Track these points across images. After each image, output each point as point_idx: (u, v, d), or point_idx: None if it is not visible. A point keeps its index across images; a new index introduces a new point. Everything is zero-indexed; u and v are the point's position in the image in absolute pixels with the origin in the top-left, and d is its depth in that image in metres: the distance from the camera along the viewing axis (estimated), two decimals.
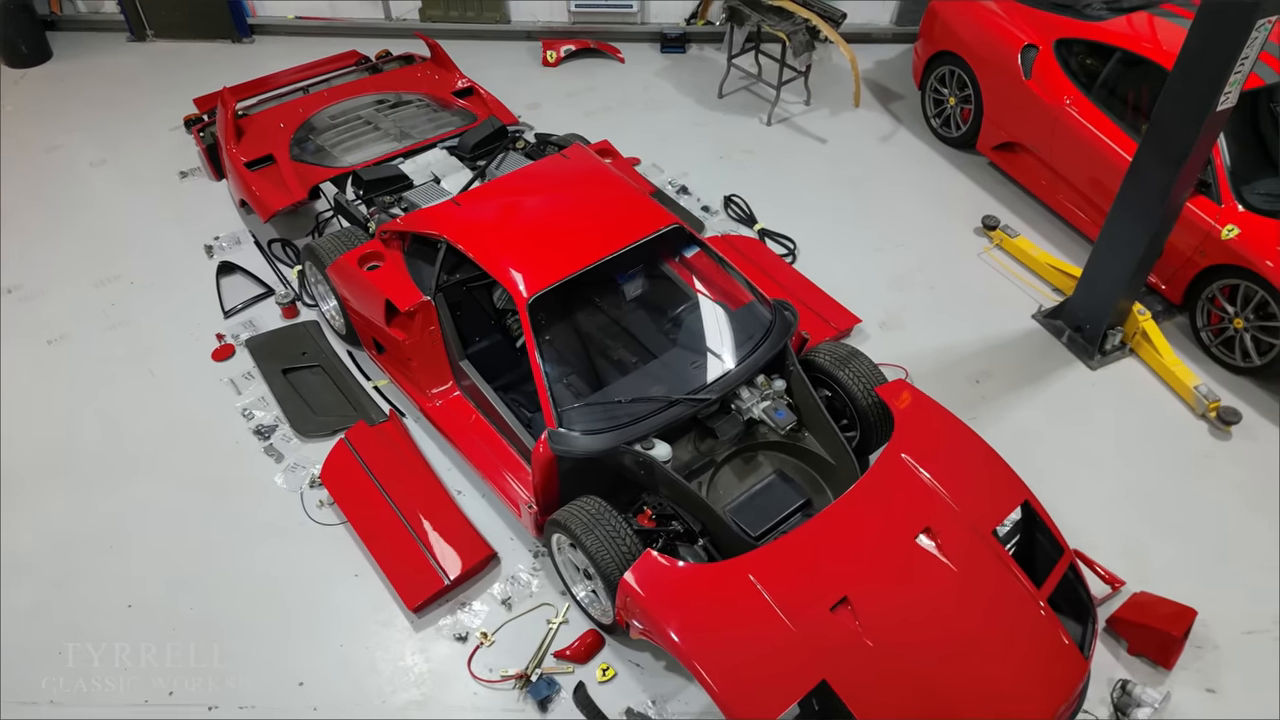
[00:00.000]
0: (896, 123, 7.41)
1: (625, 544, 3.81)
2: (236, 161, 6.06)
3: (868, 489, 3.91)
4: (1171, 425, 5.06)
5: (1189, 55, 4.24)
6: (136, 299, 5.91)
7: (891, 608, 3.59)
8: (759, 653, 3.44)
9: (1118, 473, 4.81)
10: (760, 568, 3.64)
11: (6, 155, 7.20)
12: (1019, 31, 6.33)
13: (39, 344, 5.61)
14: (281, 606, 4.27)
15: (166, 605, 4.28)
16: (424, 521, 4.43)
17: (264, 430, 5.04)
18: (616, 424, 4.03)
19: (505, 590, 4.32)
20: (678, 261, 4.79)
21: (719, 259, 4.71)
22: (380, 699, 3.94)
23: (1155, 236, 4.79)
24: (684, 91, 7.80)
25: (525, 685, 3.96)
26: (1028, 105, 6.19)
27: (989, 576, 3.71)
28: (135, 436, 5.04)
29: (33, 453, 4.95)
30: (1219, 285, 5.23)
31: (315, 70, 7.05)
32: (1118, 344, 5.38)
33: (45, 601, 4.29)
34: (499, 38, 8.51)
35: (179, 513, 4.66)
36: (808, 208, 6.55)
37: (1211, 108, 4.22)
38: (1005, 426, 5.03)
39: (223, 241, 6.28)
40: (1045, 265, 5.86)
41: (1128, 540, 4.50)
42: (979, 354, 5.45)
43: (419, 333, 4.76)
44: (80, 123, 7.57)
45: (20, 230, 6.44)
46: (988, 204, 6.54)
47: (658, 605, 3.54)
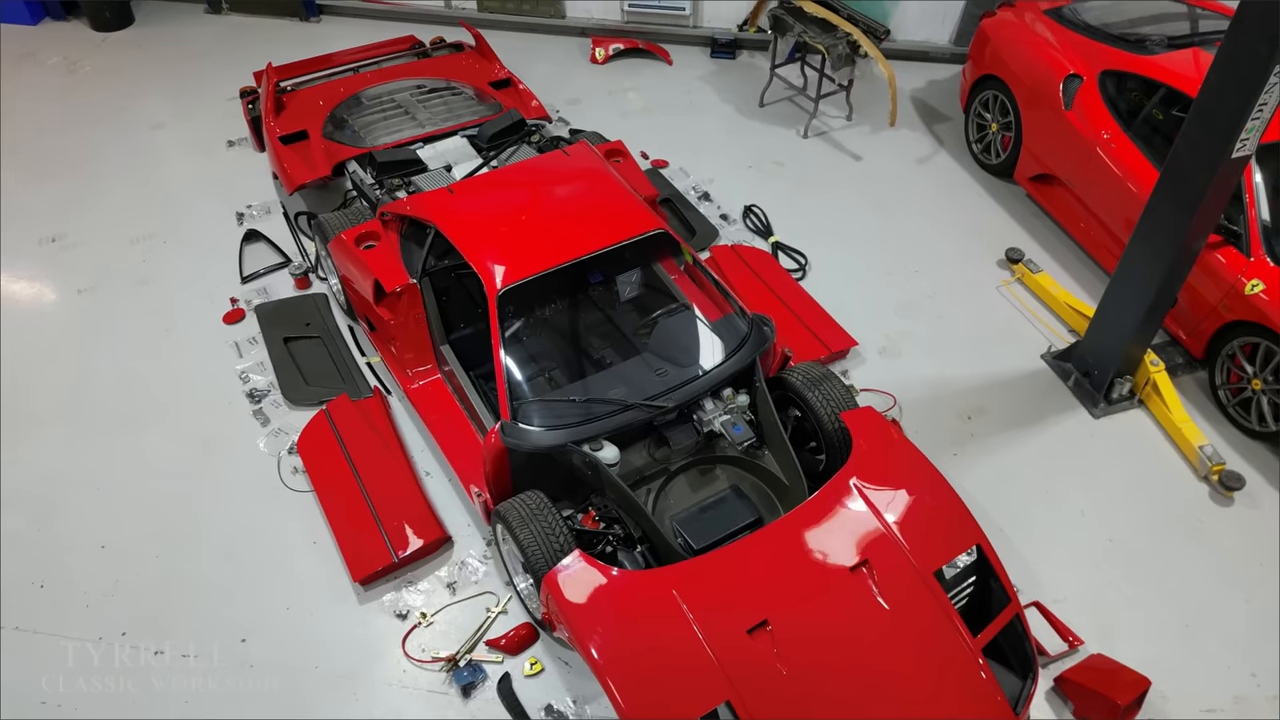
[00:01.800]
0: (937, 145, 7.21)
1: (559, 542, 3.83)
2: (272, 134, 6.30)
3: (810, 514, 3.84)
4: (1169, 484, 4.80)
5: (1207, 98, 4.01)
6: (165, 257, 6.20)
7: (813, 637, 3.52)
8: (668, 667, 3.41)
9: (1100, 528, 4.59)
10: (685, 581, 3.62)
11: (77, 112, 7.64)
12: (1065, 60, 6.08)
13: (70, 292, 5.95)
14: (240, 564, 4.44)
15: (136, 549, 4.49)
16: (385, 498, 4.54)
17: (257, 394, 5.23)
18: (567, 422, 4.05)
19: (452, 574, 4.39)
20: (659, 267, 4.77)
21: (702, 269, 4.68)
22: (313, 665, 4.06)
23: (1166, 283, 4.56)
24: (725, 98, 7.75)
25: (453, 669, 4.02)
26: (1065, 136, 5.95)
27: (922, 618, 3.60)
28: (140, 388, 5.30)
29: (45, 394, 5.26)
30: (1240, 342, 4.94)
31: (368, 52, 7.26)
32: (1125, 394, 5.13)
33: (26, 533, 4.56)
34: (552, 32, 8.61)
35: (166, 464, 4.89)
36: (828, 224, 6.43)
37: (1227, 155, 3.99)
38: (988, 467, 4.86)
39: (254, 210, 6.54)
40: (1064, 305, 5.63)
41: (1097, 598, 4.30)
42: (976, 389, 5.27)
43: (404, 314, 4.87)
44: (149, 87, 7.99)
45: (74, 184, 6.83)
46: (1017, 236, 6.31)
47: (576, 609, 3.54)
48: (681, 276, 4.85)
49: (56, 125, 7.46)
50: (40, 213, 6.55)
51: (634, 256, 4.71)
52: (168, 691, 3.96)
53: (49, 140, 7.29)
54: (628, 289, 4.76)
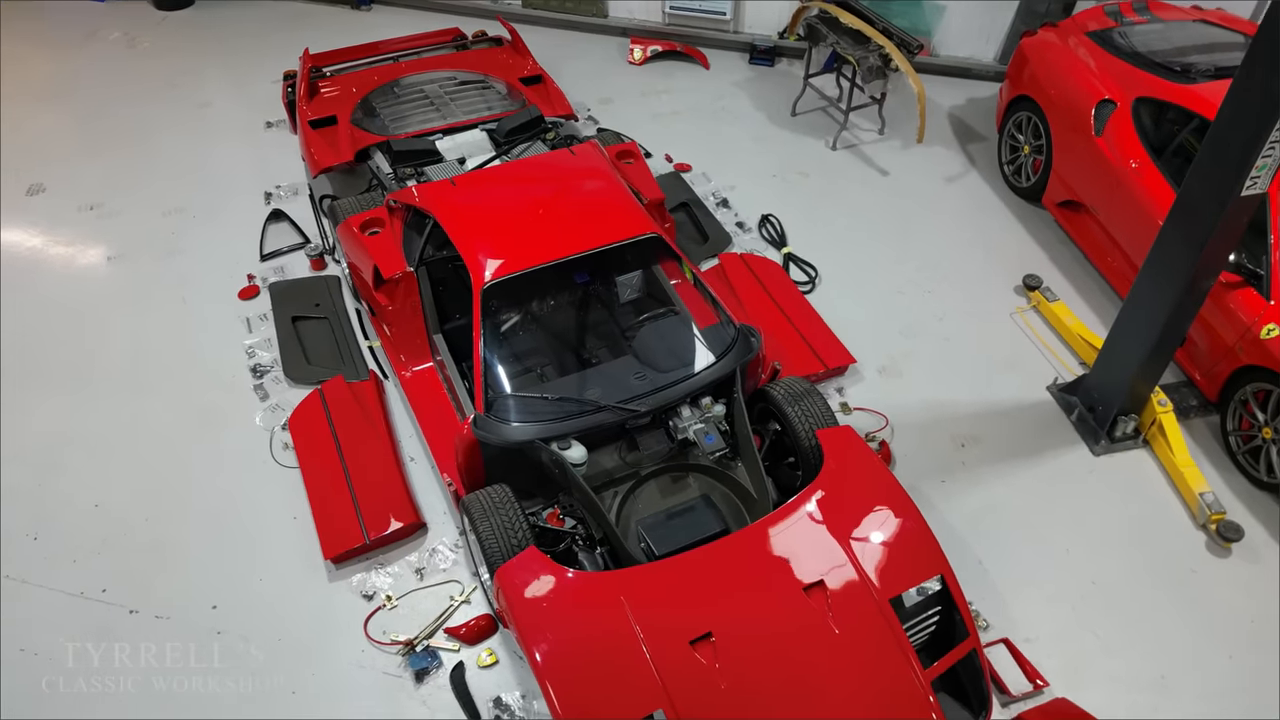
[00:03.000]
0: (969, 165, 7.05)
1: (517, 537, 3.86)
2: (303, 117, 6.46)
3: (769, 529, 3.80)
4: (1164, 530, 4.62)
5: (1219, 132, 3.85)
6: (193, 231, 6.41)
7: (756, 654, 3.49)
8: (606, 672, 3.42)
9: (1084, 568, 4.44)
10: (636, 587, 3.62)
11: (131, 87, 7.95)
12: (1101, 84, 5.89)
13: (100, 259, 6.20)
14: (221, 532, 4.57)
15: (127, 510, 4.67)
16: (365, 480, 4.62)
17: (260, 369, 5.38)
18: (538, 419, 4.08)
19: (422, 560, 4.46)
20: (650, 271, 4.76)
21: (693, 276, 4.66)
22: (276, 637, 4.16)
23: (1172, 321, 4.38)
24: (758, 105, 7.69)
25: (409, 653, 4.08)
26: (1093, 163, 5.76)
27: (872, 644, 3.54)
28: (151, 355, 5.50)
29: (63, 354, 5.50)
30: (1253, 388, 4.72)
31: (410, 43, 7.39)
32: (1130, 432, 4.95)
33: (27, 486, 4.76)
34: (594, 31, 8.65)
35: (165, 430, 5.06)
36: (846, 238, 6.34)
37: (1236, 192, 3.82)
38: (975, 496, 4.74)
39: (282, 190, 6.73)
40: (1077, 336, 5.46)
41: (1070, 641, 4.16)
42: (974, 416, 5.15)
43: (400, 301, 4.96)
44: (201, 66, 8.26)
45: (119, 155, 7.12)
46: (1039, 263, 6.13)
47: (523, 606, 3.57)
48: (683, 282, 4.84)
49: (110, 99, 7.78)
50: (84, 181, 6.84)
51: (626, 258, 4.71)
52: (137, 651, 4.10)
53: (102, 113, 7.60)
54: (617, 290, 4.76)
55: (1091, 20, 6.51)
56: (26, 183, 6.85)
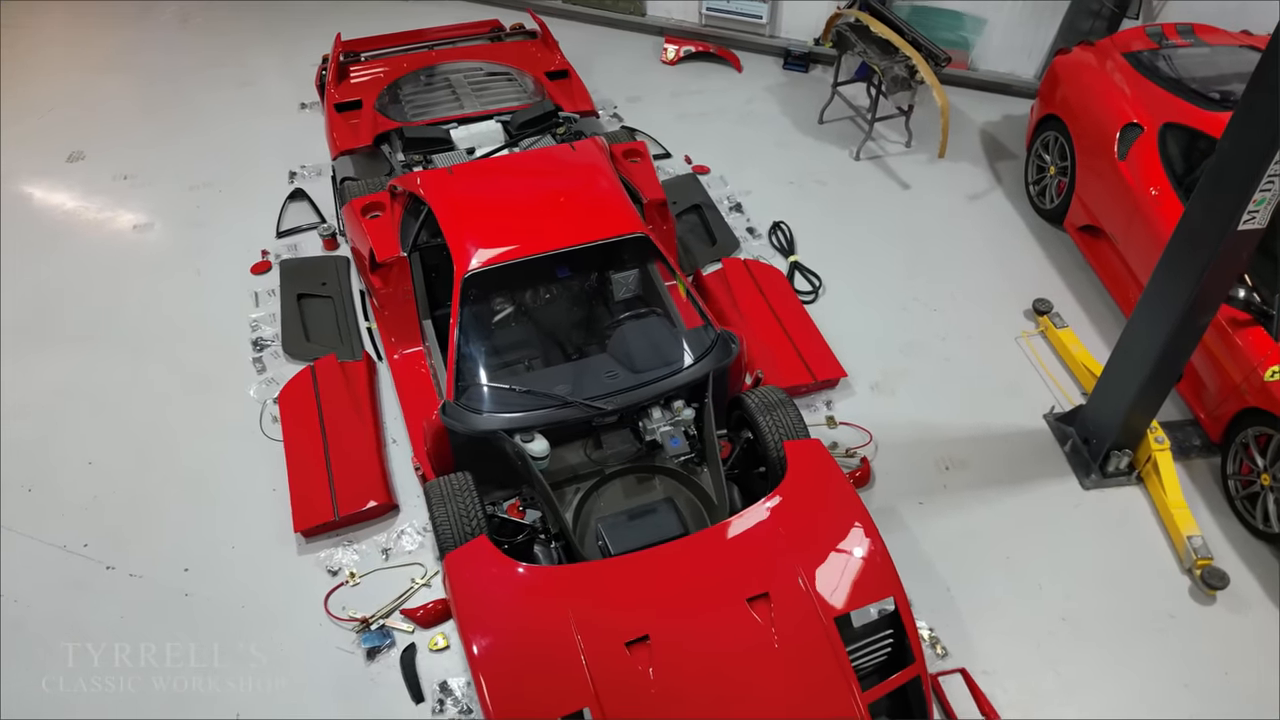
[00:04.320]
0: (994, 183, 6.88)
1: (471, 525, 3.90)
2: (330, 100, 6.60)
3: (721, 537, 3.77)
4: (1146, 571, 4.45)
5: (1220, 162, 3.70)
6: (217, 205, 6.61)
7: (690, 660, 3.46)
8: (539, 667, 3.41)
9: (1056, 604, 4.30)
10: (580, 584, 3.63)
11: (177, 63, 8.23)
12: (1129, 107, 5.69)
13: (126, 228, 6.43)
14: (202, 498, 4.71)
15: (117, 469, 4.84)
16: (343, 458, 4.71)
17: (261, 343, 5.52)
18: (504, 410, 4.11)
19: (390, 541, 4.53)
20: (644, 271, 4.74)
21: (678, 278, 4.65)
22: (240, 604, 4.27)
23: (1166, 356, 4.22)
24: (785, 111, 7.62)
25: (364, 630, 4.15)
26: (1114, 188, 5.58)
27: (810, 661, 3.48)
28: (161, 322, 5.69)
29: (79, 316, 5.73)
30: (1255, 431, 4.53)
31: (447, 32, 7.48)
32: (1123, 468, 4.78)
33: (28, 440, 4.97)
34: (631, 29, 8.66)
35: (163, 395, 5.23)
36: (856, 250, 6.25)
37: (1233, 225, 3.66)
38: (953, 521, 4.63)
39: (306, 170, 6.89)
40: (1081, 365, 5.28)
41: (1030, 677, 4.03)
42: (963, 440, 5.02)
43: (394, 285, 5.05)
44: (247, 45, 8.51)
45: (158, 128, 7.38)
46: (1054, 287, 5.95)
47: (466, 595, 3.59)
48: (656, 281, 4.82)
49: (155, 74, 8.07)
50: (121, 151, 7.11)
51: (610, 257, 4.71)
52: (108, 602, 4.25)
53: (145, 87, 7.89)
54: (600, 288, 4.77)
55: (1132, 41, 6.29)
56: (68, 150, 7.13)
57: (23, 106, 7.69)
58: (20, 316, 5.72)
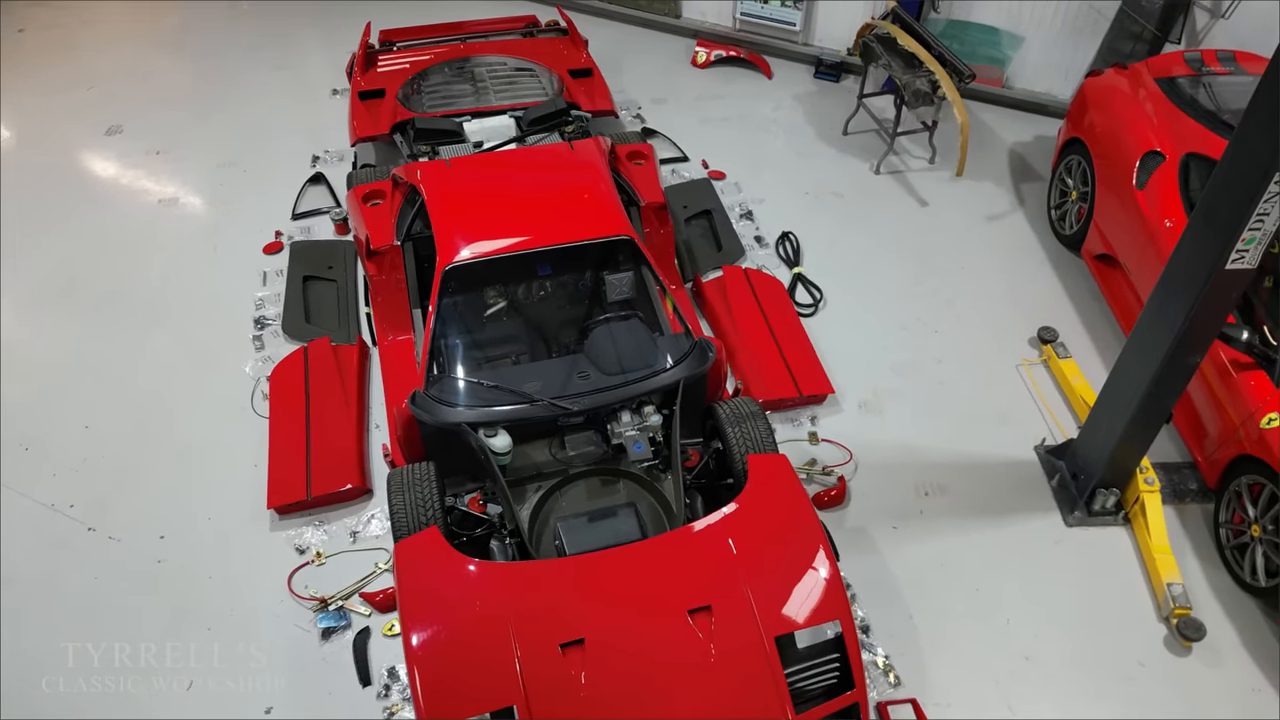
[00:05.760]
0: (1016, 205, 6.70)
1: (426, 515, 3.94)
2: (354, 88, 6.74)
3: (670, 545, 3.76)
4: (1121, 616, 4.30)
5: (1210, 197, 3.55)
6: (240, 184, 6.79)
7: (624, 667, 3.45)
8: (472, 662, 3.43)
9: (1021, 642, 4.19)
10: (524, 583, 3.64)
11: (221, 43, 8.47)
12: (1153, 135, 5.49)
13: (152, 202, 6.64)
14: (186, 468, 4.85)
15: (111, 434, 5.01)
16: (323, 440, 4.80)
17: (263, 321, 5.65)
18: (471, 404, 4.14)
19: (359, 524, 4.60)
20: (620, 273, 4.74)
21: (659, 283, 4.63)
22: (208, 575, 4.39)
23: (1152, 395, 4.06)
24: (810, 120, 7.52)
25: (321, 609, 4.22)
26: (1130, 217, 5.39)
27: (744, 677, 3.45)
28: (171, 294, 5.87)
29: (96, 284, 5.94)
30: (1249, 480, 4.34)
31: (482, 26, 7.57)
32: (1110, 507, 4.63)
33: (30, 401, 5.18)
34: (665, 30, 8.64)
35: (163, 365, 5.40)
36: (863, 265, 6.14)
37: (1221, 264, 3.51)
38: (926, 548, 4.53)
39: (329, 155, 7.03)
40: (1079, 398, 5.12)
41: (985, 714, 3.93)
42: (946, 466, 4.91)
43: (386, 273, 5.12)
44: (289, 31, 8.70)
45: (195, 106, 7.59)
46: (1064, 316, 5.78)
47: (410, 585, 3.62)
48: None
49: (198, 54, 8.31)
50: (157, 127, 7.34)
51: (594, 257, 4.71)
52: (86, 562, 4.40)
53: (187, 66, 8.13)
54: (581, 288, 4.77)
55: (1169, 66, 6.07)
56: (109, 123, 7.38)
57: (75, 78, 7.98)
58: (42, 281, 5.96)
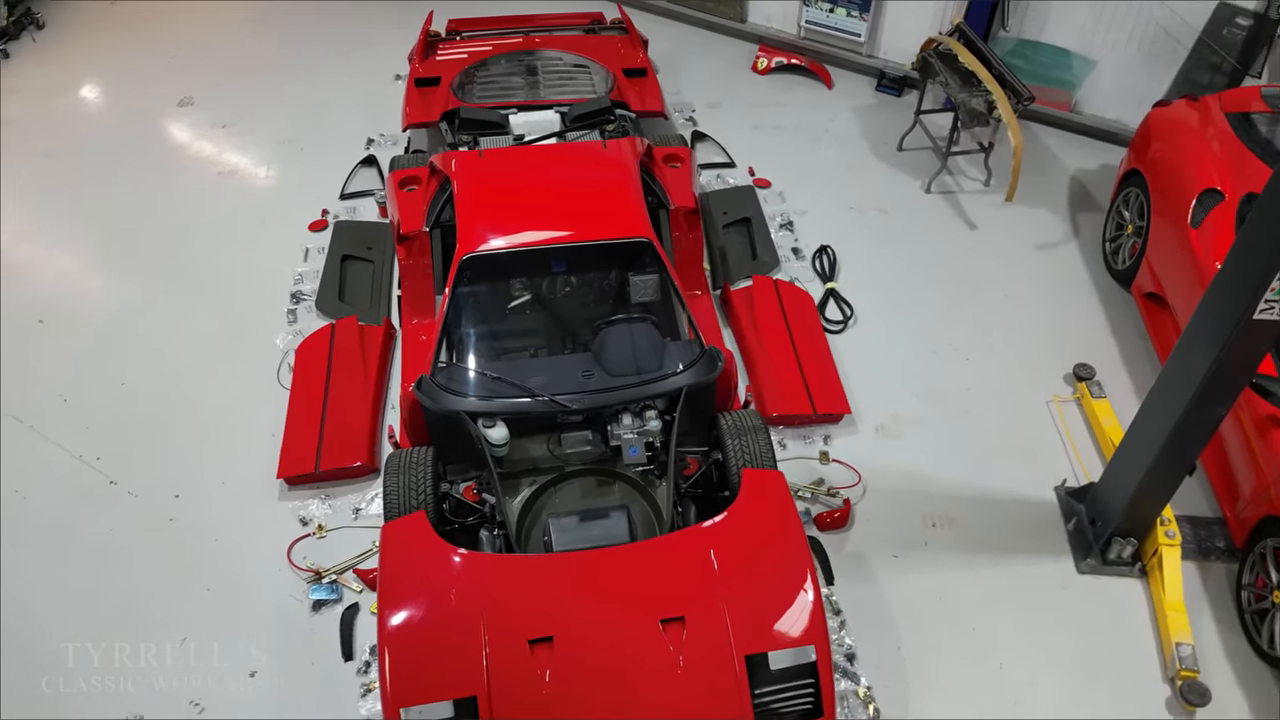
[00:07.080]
0: (1070, 234, 6.45)
1: (418, 499, 4.00)
2: (412, 74, 6.87)
3: (651, 552, 3.75)
4: (1124, 673, 4.11)
5: (1242, 245, 3.37)
6: (296, 161, 6.99)
7: (589, 669, 3.46)
8: (440, 649, 3.47)
9: (1014, 689, 4.04)
10: (501, 576, 3.68)
11: (301, 22, 8.68)
12: (1214, 172, 5.23)
13: (211, 174, 6.90)
14: (208, 433, 5.03)
15: (144, 393, 5.24)
16: (338, 416, 4.92)
17: (299, 296, 5.81)
18: (474, 394, 4.19)
19: (363, 501, 4.70)
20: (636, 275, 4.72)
21: (674, 288, 4.60)
22: (215, 537, 4.55)
23: (1172, 445, 3.87)
24: (865, 134, 7.37)
25: (315, 581, 4.33)
26: (1182, 256, 5.14)
27: (708, 692, 3.42)
28: (218, 262, 6.08)
29: (153, 247, 6.20)
30: (1274, 543, 4.10)
31: (547, 20, 7.64)
32: (1126, 557, 4.43)
33: (76, 354, 5.43)
34: (729, 34, 8.56)
35: (200, 332, 5.60)
36: (899, 285, 6.00)
37: (1248, 314, 3.33)
38: (926, 580, 4.41)
39: (383, 139, 7.18)
40: (1109, 440, 4.91)
41: None
42: (958, 499, 4.77)
43: (415, 258, 5.22)
44: (367, 18, 8.86)
45: (264, 81, 7.85)
46: (1105, 353, 5.54)
47: (390, 567, 3.67)
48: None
49: (277, 34, 8.55)
50: (226, 101, 7.60)
51: (614, 258, 4.71)
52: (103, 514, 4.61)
53: (265, 45, 8.38)
54: (596, 286, 4.77)
55: (1245, 101, 5.76)
56: (181, 94, 7.69)
57: (158, 47, 8.30)
58: (105, 243, 6.24)
